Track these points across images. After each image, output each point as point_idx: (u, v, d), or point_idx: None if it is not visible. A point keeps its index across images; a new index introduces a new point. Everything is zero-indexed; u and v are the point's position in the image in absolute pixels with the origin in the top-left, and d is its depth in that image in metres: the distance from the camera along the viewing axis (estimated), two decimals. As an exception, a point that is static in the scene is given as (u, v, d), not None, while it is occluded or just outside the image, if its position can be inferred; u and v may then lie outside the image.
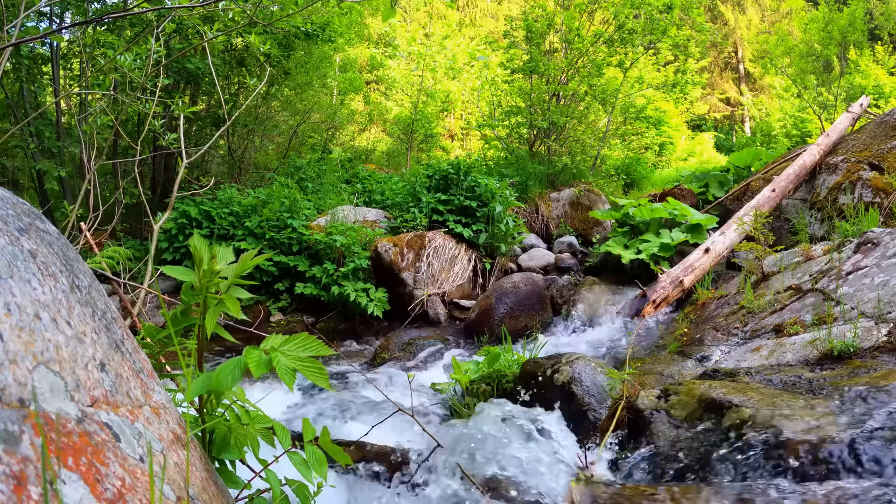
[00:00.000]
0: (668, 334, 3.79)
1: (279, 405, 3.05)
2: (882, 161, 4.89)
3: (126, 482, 0.66)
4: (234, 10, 3.15)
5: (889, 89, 11.56)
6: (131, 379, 0.83)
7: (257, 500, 1.05)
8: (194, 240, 1.03)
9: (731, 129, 21.02)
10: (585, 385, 2.28)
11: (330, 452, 1.14)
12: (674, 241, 4.97)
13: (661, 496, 1.37)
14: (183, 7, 3.05)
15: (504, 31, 9.39)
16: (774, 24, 20.43)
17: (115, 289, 2.18)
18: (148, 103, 3.15)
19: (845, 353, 2.18)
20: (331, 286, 4.79)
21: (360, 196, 6.83)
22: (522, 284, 4.63)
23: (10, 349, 0.60)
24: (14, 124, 5.79)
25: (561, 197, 7.31)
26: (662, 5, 8.21)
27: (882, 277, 2.81)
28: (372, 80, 15.45)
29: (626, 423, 1.97)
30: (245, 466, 1.12)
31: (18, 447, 0.54)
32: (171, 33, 5.78)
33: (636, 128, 11.40)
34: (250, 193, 5.83)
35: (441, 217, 5.54)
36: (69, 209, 3.02)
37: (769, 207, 5.08)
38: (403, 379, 3.26)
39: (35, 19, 5.72)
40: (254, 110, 7.81)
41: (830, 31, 9.92)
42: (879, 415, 1.48)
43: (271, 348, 0.99)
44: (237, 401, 1.10)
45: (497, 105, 9.60)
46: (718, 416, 1.72)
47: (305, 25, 6.55)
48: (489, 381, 2.74)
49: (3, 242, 0.71)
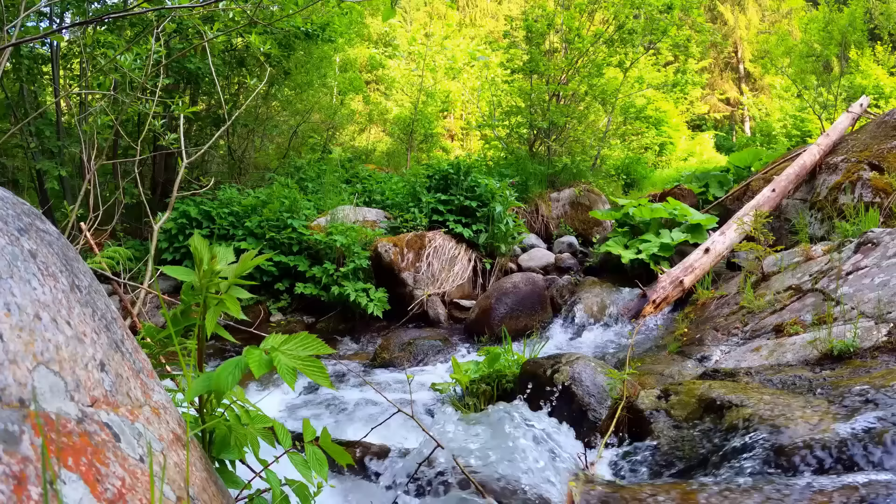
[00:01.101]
0: (668, 334, 3.78)
1: (279, 405, 3.05)
2: (882, 161, 4.89)
3: (126, 482, 0.66)
4: (234, 10, 3.15)
5: (889, 89, 11.56)
6: (131, 379, 0.83)
7: (257, 500, 1.05)
8: (194, 240, 1.03)
9: (731, 129, 21.02)
10: (585, 385, 2.28)
11: (330, 452, 1.14)
12: (674, 241, 4.97)
13: (662, 496, 1.37)
14: (183, 7, 3.05)
15: (504, 31, 9.39)
16: (774, 24, 20.43)
17: (115, 289, 2.18)
18: (148, 103, 3.15)
19: (845, 353, 2.18)
20: (331, 286, 4.79)
21: (360, 196, 6.82)
22: (522, 284, 4.63)
23: (10, 349, 0.60)
24: (14, 124, 5.79)
25: (561, 197, 7.30)
26: (662, 5, 8.21)
27: (882, 277, 2.81)
28: (372, 80, 15.45)
29: (626, 423, 1.97)
30: (245, 466, 1.12)
31: (18, 447, 0.54)
32: (172, 33, 5.78)
33: (636, 128, 11.40)
34: (250, 193, 5.83)
35: (441, 217, 5.54)
36: (69, 209, 3.02)
37: (769, 207, 5.07)
38: (403, 379, 3.26)
39: (35, 19, 5.72)
40: (254, 110, 7.81)
41: (830, 31, 9.91)
42: (879, 414, 1.48)
43: (272, 348, 0.99)
44: (237, 401, 1.10)
45: (497, 105, 9.60)
46: (718, 415, 1.72)
47: (305, 25, 6.55)
48: (489, 381, 2.74)
49: (3, 242, 0.71)
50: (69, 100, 6.23)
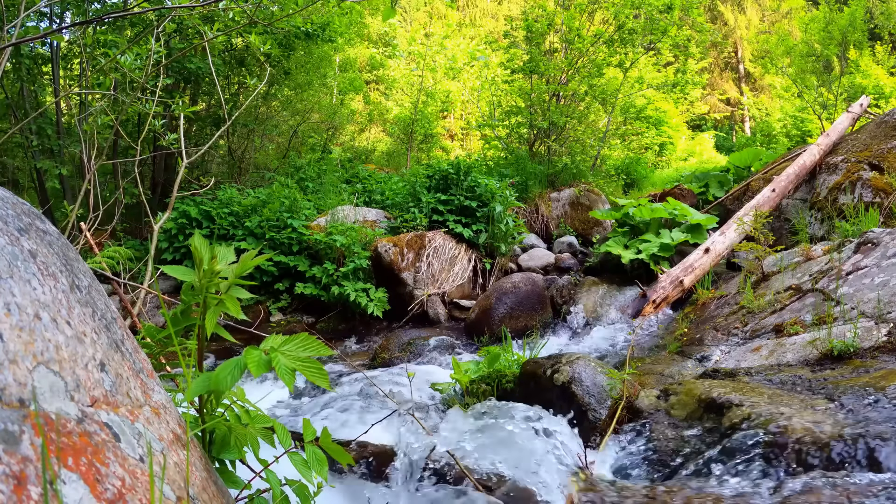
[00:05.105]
0: (668, 334, 3.79)
1: (279, 405, 3.05)
2: (882, 161, 4.89)
3: (126, 482, 0.66)
4: (234, 10, 3.15)
5: (889, 89, 11.56)
6: (131, 379, 0.83)
7: (257, 500, 1.05)
8: (195, 240, 1.03)
9: (731, 129, 21.02)
10: (585, 385, 2.28)
11: (331, 452, 1.14)
12: (674, 241, 4.97)
13: (661, 495, 1.37)
14: (183, 7, 3.05)
15: (504, 31, 9.39)
16: (774, 24, 20.44)
17: (115, 289, 2.18)
18: (148, 103, 3.15)
19: (845, 353, 2.18)
20: (331, 286, 4.79)
21: (360, 196, 6.82)
22: (522, 284, 4.63)
23: (10, 349, 0.60)
24: (14, 124, 5.79)
25: (561, 197, 7.31)
26: (662, 5, 8.21)
27: (882, 277, 2.81)
28: (372, 80, 15.45)
29: (626, 423, 1.97)
30: (245, 466, 1.12)
31: (18, 447, 0.54)
32: (172, 33, 5.78)
33: (636, 128, 11.41)
34: (250, 193, 5.83)
35: (441, 217, 5.54)
36: (69, 209, 3.02)
37: (769, 207, 5.08)
38: (403, 379, 3.25)
39: (35, 19, 5.72)
40: (254, 110, 7.81)
41: (831, 30, 9.91)
42: (879, 414, 1.48)
43: (271, 348, 0.99)
44: (237, 401, 1.10)
45: (497, 105, 9.60)
46: (718, 415, 1.72)
47: (305, 25, 6.55)
48: (489, 381, 2.74)
49: (3, 242, 0.71)
50: (69, 100, 6.23)
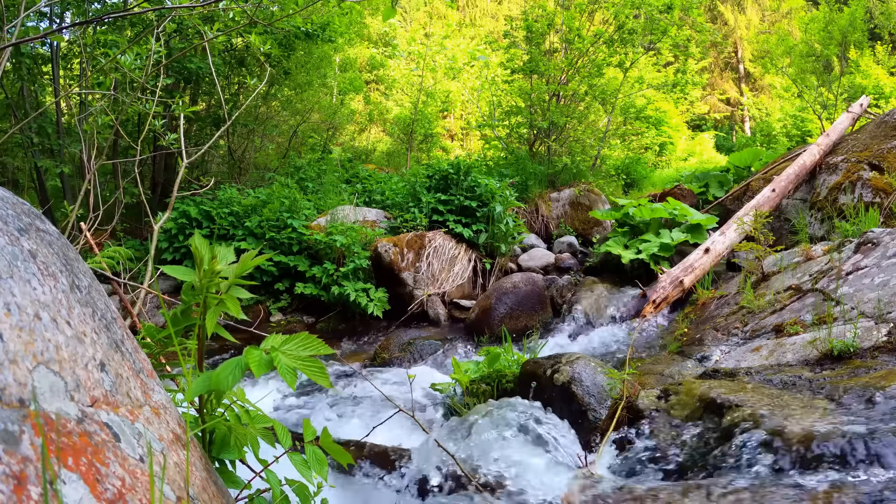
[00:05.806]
0: (668, 334, 3.78)
1: (279, 405, 3.05)
2: (882, 161, 4.89)
3: (126, 482, 0.66)
4: (234, 10, 3.15)
5: (889, 89, 11.56)
6: (131, 379, 0.83)
7: (257, 500, 1.05)
8: (195, 240, 1.03)
9: (731, 129, 21.02)
10: (585, 385, 2.28)
11: (331, 452, 1.14)
12: (674, 241, 4.97)
13: (661, 496, 1.37)
14: (183, 7, 3.05)
15: (504, 31, 9.39)
16: (774, 24, 20.43)
17: (115, 289, 2.18)
18: (148, 103, 3.15)
19: (845, 353, 2.18)
20: (331, 286, 4.79)
21: (360, 196, 6.82)
22: (522, 284, 4.63)
23: (10, 349, 0.60)
24: (14, 124, 5.79)
25: (561, 197, 7.30)
26: (662, 5, 8.21)
27: (882, 277, 2.81)
28: (372, 80, 15.44)
29: (626, 423, 1.97)
30: (245, 466, 1.12)
31: (18, 447, 0.54)
32: (172, 33, 5.78)
33: (636, 128, 11.41)
34: (250, 193, 5.83)
35: (441, 217, 5.54)
36: (69, 209, 3.02)
37: (769, 207, 5.08)
38: (403, 379, 3.25)
39: (35, 19, 5.72)
40: (254, 110, 7.81)
41: (831, 30, 9.91)
42: (880, 414, 1.48)
43: (272, 348, 0.99)
44: (237, 401, 1.10)
45: (497, 105, 9.60)
46: (718, 415, 1.72)
47: (305, 25, 6.55)
48: (489, 381, 2.74)
49: (3, 242, 0.71)
50: (69, 99, 6.23)
